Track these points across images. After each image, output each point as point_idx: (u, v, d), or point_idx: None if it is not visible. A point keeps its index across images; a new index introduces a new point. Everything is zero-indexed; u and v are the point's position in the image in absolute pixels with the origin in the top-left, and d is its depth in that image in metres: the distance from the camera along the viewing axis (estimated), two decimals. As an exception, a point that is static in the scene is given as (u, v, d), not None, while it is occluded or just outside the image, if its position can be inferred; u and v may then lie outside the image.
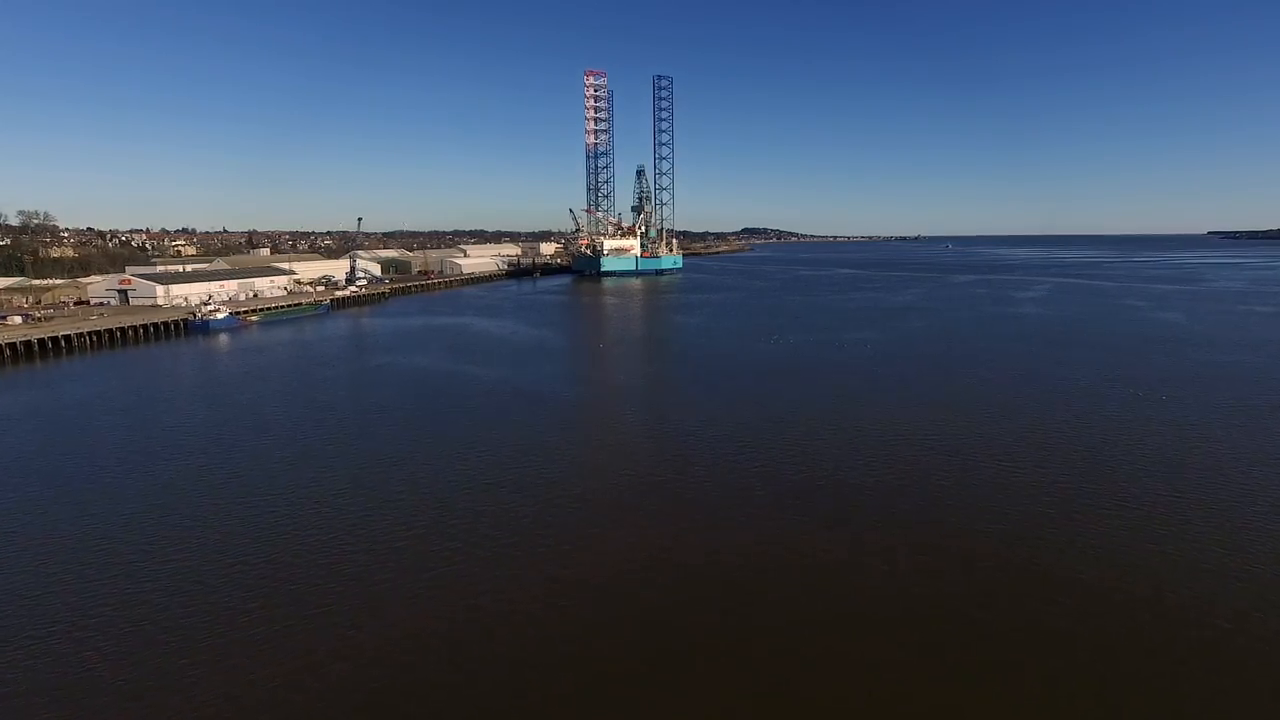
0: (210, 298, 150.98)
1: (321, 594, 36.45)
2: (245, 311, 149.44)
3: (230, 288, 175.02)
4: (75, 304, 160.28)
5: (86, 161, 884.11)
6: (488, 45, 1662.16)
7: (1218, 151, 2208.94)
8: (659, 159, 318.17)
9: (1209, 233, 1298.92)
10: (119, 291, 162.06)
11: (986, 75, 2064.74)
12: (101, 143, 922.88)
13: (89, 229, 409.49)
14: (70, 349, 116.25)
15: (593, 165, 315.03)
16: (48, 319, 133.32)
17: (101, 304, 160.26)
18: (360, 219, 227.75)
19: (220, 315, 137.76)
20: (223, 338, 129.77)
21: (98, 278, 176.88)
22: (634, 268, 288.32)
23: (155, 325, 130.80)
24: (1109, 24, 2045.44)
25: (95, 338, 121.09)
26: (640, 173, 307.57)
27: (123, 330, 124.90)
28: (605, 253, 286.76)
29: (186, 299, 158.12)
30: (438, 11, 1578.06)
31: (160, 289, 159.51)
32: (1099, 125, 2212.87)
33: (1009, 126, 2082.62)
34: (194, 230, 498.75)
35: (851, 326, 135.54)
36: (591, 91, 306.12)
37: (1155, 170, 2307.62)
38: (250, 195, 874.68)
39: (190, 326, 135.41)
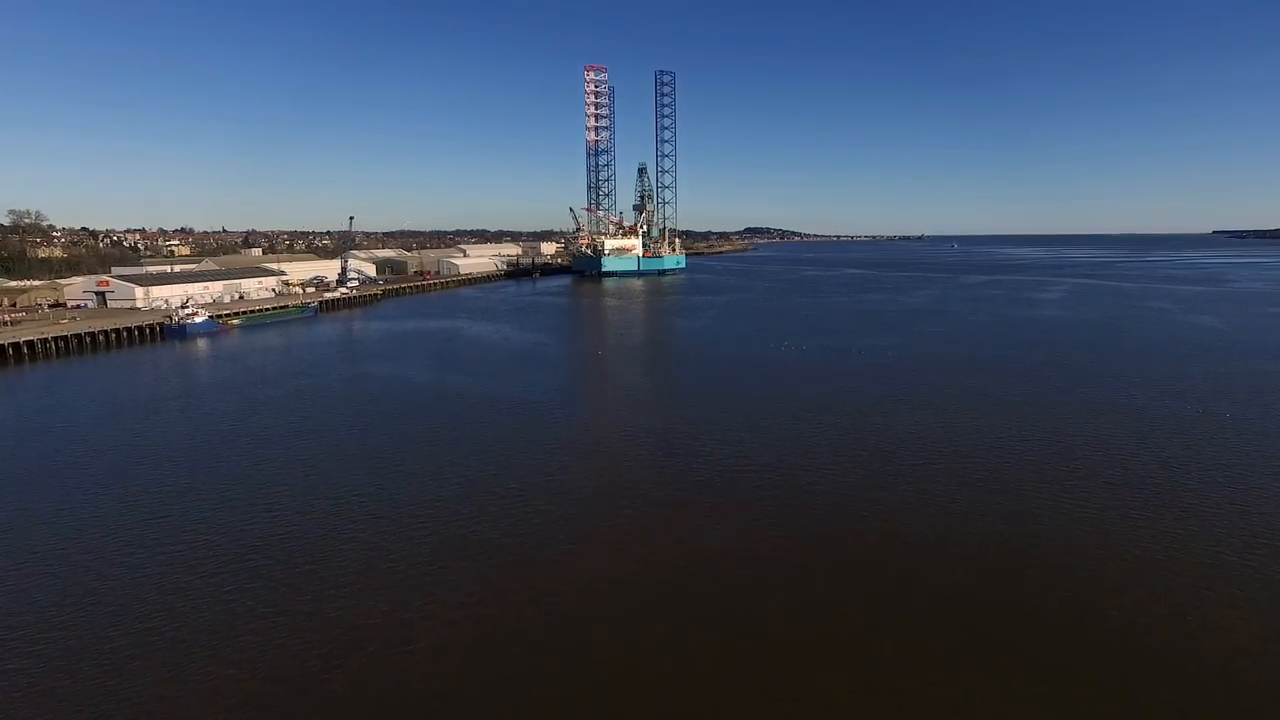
0: (188, 300, 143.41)
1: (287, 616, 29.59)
2: (225, 315, 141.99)
3: (215, 289, 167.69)
4: (51, 306, 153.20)
5: (88, 162, 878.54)
6: (489, 44, 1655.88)
7: (1221, 151, 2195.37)
8: (661, 156, 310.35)
9: (1214, 232, 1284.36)
10: (97, 293, 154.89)
11: (987, 74, 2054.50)
12: (103, 143, 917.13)
13: (83, 229, 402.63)
14: (34, 355, 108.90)
15: (593, 163, 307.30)
16: (15, 323, 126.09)
17: (79, 306, 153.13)
18: (351, 218, 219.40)
19: (198, 319, 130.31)
20: (200, 343, 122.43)
21: (78, 279, 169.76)
22: (636, 268, 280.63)
23: (128, 330, 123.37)
24: (1108, 22, 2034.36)
25: (62, 344, 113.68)
26: (642, 170, 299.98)
27: (92, 335, 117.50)
28: (606, 252, 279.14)
29: (167, 301, 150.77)
30: (439, 11, 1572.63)
31: (139, 291, 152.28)
32: (1100, 124, 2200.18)
33: (1010, 126, 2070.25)
34: (192, 230, 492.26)
35: (867, 331, 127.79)
36: (592, 87, 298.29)
37: (1158, 169, 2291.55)
38: (251, 195, 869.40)
39: (166, 331, 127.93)
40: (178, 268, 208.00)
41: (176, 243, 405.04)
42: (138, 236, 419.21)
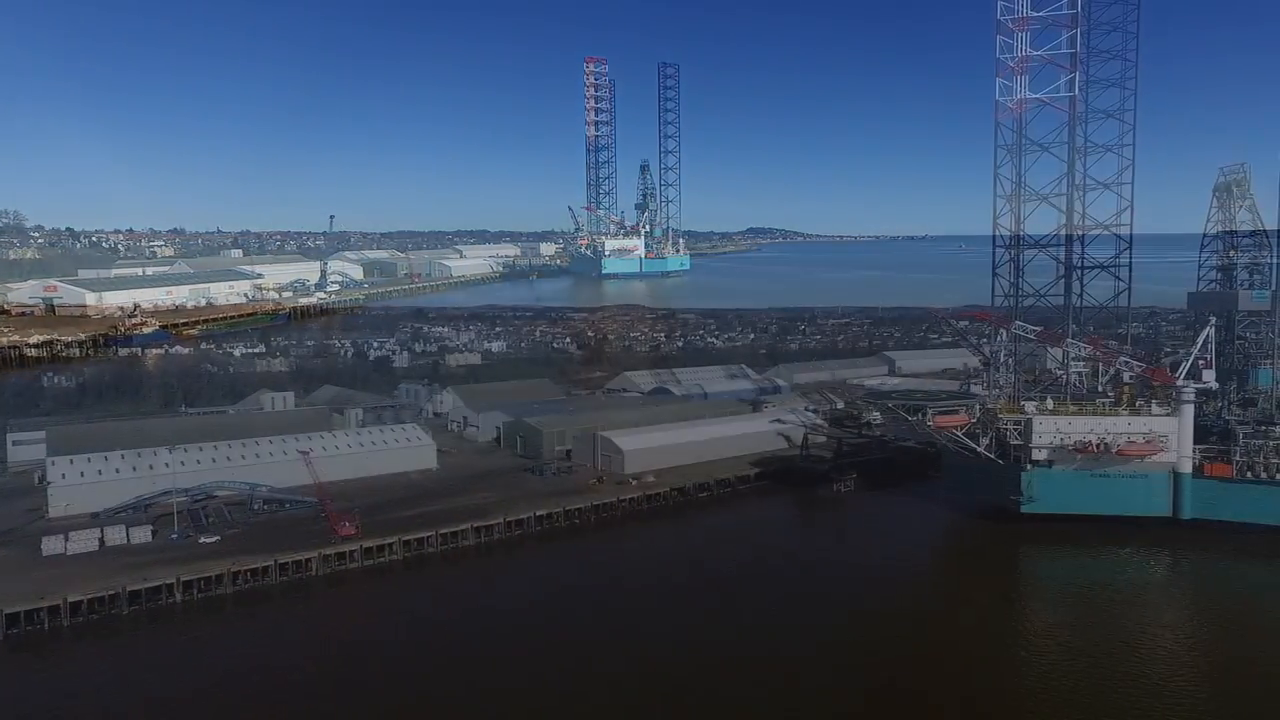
0: (136, 308, 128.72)
1: None
2: (181, 324, 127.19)
3: (179, 294, 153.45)
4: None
5: (85, 162, 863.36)
6: (491, 43, 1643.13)
7: (1224, 151, 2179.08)
8: (664, 152, 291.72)
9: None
10: (44, 299, 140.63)
11: (988, 73, 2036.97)
12: (104, 143, 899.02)
13: (67, 229, 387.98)
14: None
15: (593, 160, 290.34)
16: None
17: (24, 313, 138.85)
18: (332, 217, 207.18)
19: (146, 329, 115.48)
20: (146, 356, 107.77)
21: (26, 284, 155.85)
22: (638, 269, 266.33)
23: (64, 343, 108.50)
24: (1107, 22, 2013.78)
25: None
26: (645, 168, 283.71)
27: (18, 350, 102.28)
28: (607, 253, 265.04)
29: (122, 308, 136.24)
30: (437, 10, 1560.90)
31: (90, 296, 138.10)
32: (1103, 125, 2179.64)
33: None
34: (183, 230, 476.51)
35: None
36: (591, 80, 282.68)
37: (1160, 168, 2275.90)
38: (249, 196, 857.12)
39: (110, 342, 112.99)
40: (149, 270, 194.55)
41: (161, 243, 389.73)
42: (122, 237, 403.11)
